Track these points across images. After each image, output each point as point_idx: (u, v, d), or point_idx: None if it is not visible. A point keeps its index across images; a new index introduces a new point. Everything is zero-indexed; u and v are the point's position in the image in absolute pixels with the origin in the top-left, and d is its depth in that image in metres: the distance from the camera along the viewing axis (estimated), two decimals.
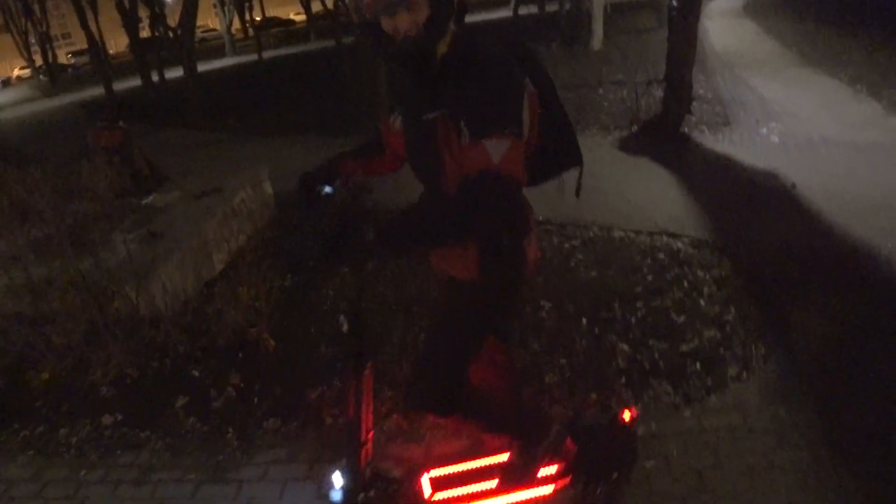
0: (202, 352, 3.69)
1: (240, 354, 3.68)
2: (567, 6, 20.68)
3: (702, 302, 3.87)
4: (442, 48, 1.70)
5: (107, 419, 3.32)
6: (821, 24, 16.14)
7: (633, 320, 3.73)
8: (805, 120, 7.95)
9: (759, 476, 2.56)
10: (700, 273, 4.24)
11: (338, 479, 1.84)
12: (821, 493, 2.46)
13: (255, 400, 3.33)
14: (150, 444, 3.16)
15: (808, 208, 5.22)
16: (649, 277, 4.23)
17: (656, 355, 3.38)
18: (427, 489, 1.94)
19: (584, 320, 3.75)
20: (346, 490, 1.82)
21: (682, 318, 3.70)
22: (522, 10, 28.65)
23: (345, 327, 1.84)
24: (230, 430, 3.14)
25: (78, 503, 2.87)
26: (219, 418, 3.24)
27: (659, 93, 8.76)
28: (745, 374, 3.18)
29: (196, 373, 3.56)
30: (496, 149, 1.58)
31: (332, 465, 1.97)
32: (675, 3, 8.02)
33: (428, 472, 2.00)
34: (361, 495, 1.83)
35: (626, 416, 2.07)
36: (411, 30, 1.62)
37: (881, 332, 3.43)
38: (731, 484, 2.53)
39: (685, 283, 4.11)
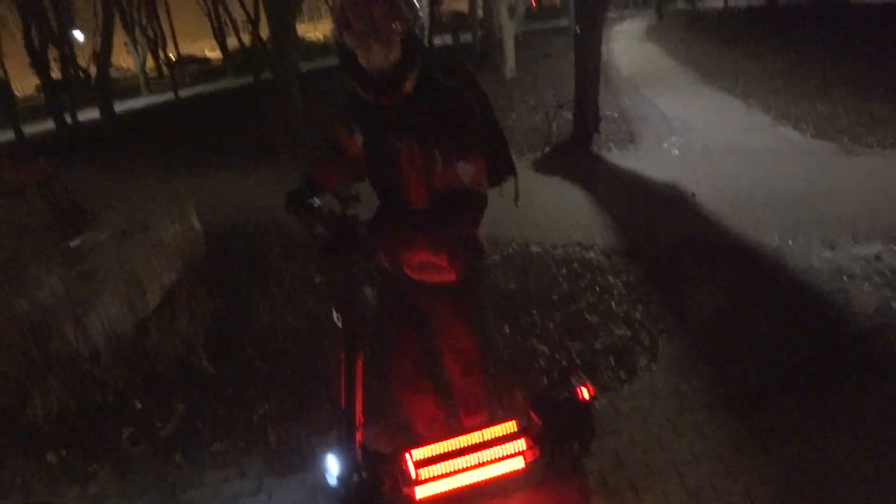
0: (143, 382, 3.77)
1: (181, 382, 3.78)
2: (479, 35, 21.39)
3: (613, 304, 4.23)
4: (409, 84, 1.95)
5: (51, 456, 3.34)
6: (716, 44, 17.31)
7: (551, 324, 4.04)
8: (702, 132, 8.63)
9: (667, 442, 2.93)
10: (611, 279, 4.62)
11: (332, 463, 2.00)
12: (716, 445, 2.89)
13: (200, 424, 3.44)
14: (99, 476, 3.20)
15: (704, 211, 5.77)
16: (565, 286, 4.58)
17: (573, 354, 3.70)
18: (411, 468, 2.13)
19: (507, 327, 4.04)
20: (343, 472, 1.97)
21: (595, 319, 4.05)
22: (437, 40, 29.31)
23: (339, 322, 2.01)
24: (178, 454, 3.24)
25: None
26: (166, 445, 3.33)
27: (569, 115, 9.28)
28: (652, 364, 3.55)
29: (139, 403, 3.63)
30: (466, 170, 1.89)
31: (324, 450, 2.13)
32: (578, 30, 8.58)
33: (410, 452, 2.18)
34: (355, 476, 1.99)
35: (585, 392, 2.30)
36: (383, 64, 1.85)
37: (765, 311, 3.95)
38: (643, 454, 2.88)
39: (597, 289, 4.47)
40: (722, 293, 4.19)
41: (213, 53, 48.06)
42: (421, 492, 2.13)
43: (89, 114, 15.29)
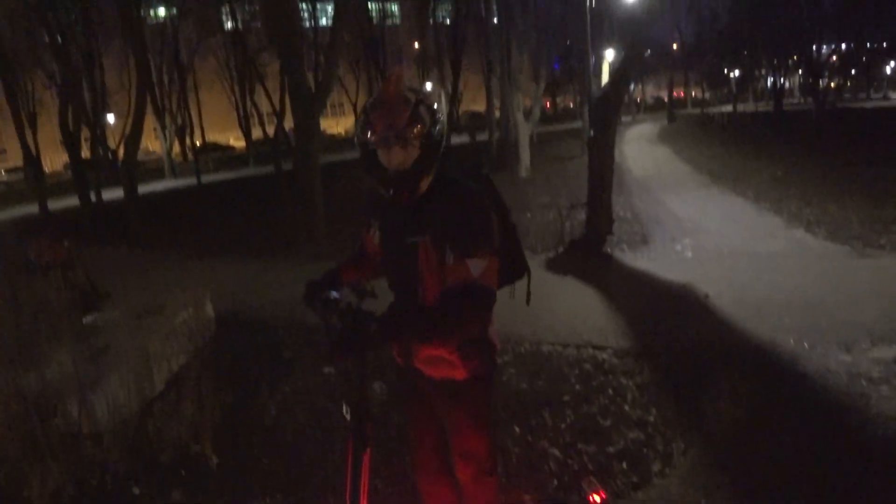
0: (144, 468, 3.69)
1: (182, 470, 3.69)
2: (496, 136, 22.04)
3: (626, 406, 4.15)
4: (425, 183, 2.06)
5: None
6: (726, 147, 17.77)
7: (563, 426, 3.95)
8: (715, 234, 8.71)
9: None
10: (623, 380, 4.55)
11: None
12: None
13: None
14: None
15: (719, 314, 5.72)
16: (577, 387, 4.51)
17: (585, 458, 3.60)
18: None
19: (517, 428, 3.95)
20: None
21: (608, 422, 3.95)
22: (455, 139, 30.22)
23: (348, 415, 2.00)
24: None
25: None
26: None
27: (582, 215, 9.41)
28: (666, 470, 3.43)
29: (137, 490, 3.54)
30: (476, 266, 1.93)
31: None
32: (592, 133, 8.83)
33: None
34: None
35: (596, 498, 2.23)
36: (402, 164, 1.98)
37: (785, 417, 3.83)
38: None
39: (610, 390, 4.40)
40: (738, 398, 4.09)
41: (238, 142, 49.67)
42: None
43: (114, 193, 15.68)
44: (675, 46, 42.86)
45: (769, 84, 50.14)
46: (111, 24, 21.20)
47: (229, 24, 31.47)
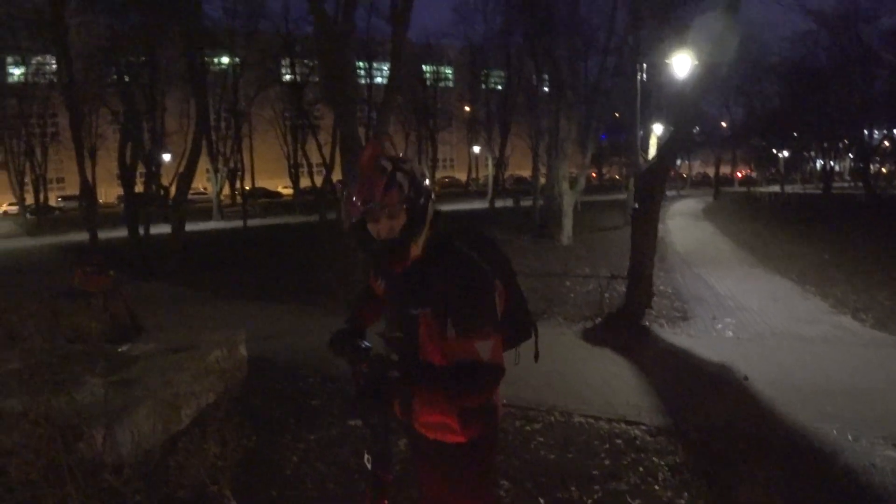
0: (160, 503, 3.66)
1: None
2: (540, 202, 22.14)
3: (656, 487, 3.98)
4: (415, 250, 2.04)
5: None
6: (771, 227, 17.49)
7: (590, 502, 3.81)
8: (757, 315, 8.48)
9: None
10: (655, 459, 4.38)
11: None
12: None
13: None
14: None
15: (758, 397, 5.51)
16: (606, 462, 4.36)
17: None
18: None
19: (542, 500, 3.82)
20: None
21: (636, 502, 3.80)
22: (498, 203, 30.48)
23: (369, 464, 1.96)
24: None
25: None
26: None
27: (622, 287, 9.29)
28: None
29: None
30: (484, 348, 1.90)
31: None
32: (637, 206, 8.80)
33: None
34: None
35: None
36: (390, 233, 1.97)
37: None
38: None
39: (641, 469, 4.23)
40: (775, 488, 3.89)
41: (286, 190, 50.84)
42: None
43: (162, 229, 16.13)
44: (723, 124, 42.92)
45: (818, 166, 49.65)
46: (175, 68, 22.17)
47: (288, 77, 32.73)
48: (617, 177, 50.72)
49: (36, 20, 17.68)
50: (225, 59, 32.78)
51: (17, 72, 30.58)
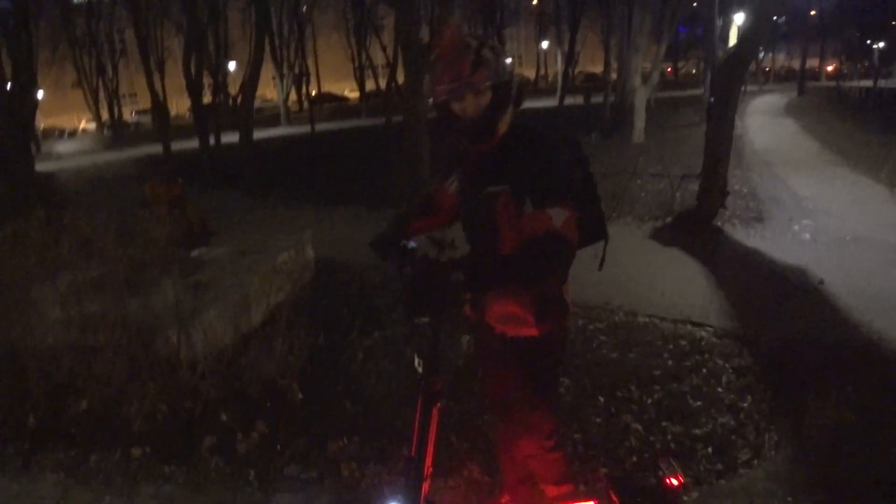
0: (233, 398, 3.86)
1: (268, 404, 3.84)
2: (612, 99, 21.31)
3: (719, 389, 3.94)
4: (502, 127, 2.01)
5: (136, 451, 3.47)
6: (861, 126, 16.37)
7: (649, 402, 3.80)
8: (838, 218, 8.06)
9: None
10: (720, 361, 4.32)
11: None
12: None
13: (279, 447, 3.46)
14: (175, 478, 3.30)
15: (833, 304, 5.29)
16: (669, 362, 4.32)
17: (669, 437, 3.45)
18: None
19: (602, 398, 3.84)
20: None
21: (697, 404, 3.76)
22: (567, 100, 29.51)
23: (420, 368, 1.98)
24: (251, 472, 3.27)
25: None
26: (242, 461, 3.38)
27: (694, 187, 8.96)
28: (755, 461, 3.22)
29: (224, 417, 3.71)
30: (558, 215, 1.86)
31: (387, 495, 2.09)
32: (713, 101, 8.34)
33: None
34: None
35: (674, 481, 2.14)
36: (476, 111, 1.94)
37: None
38: None
39: (704, 371, 4.18)
40: (845, 398, 3.75)
41: (352, 93, 50.57)
42: None
43: (232, 137, 16.45)
44: (812, 12, 39.61)
45: None
46: None
47: None
48: (694, 71, 48.02)
49: None
50: None
51: None
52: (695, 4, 26.58)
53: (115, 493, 3.23)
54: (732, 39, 19.69)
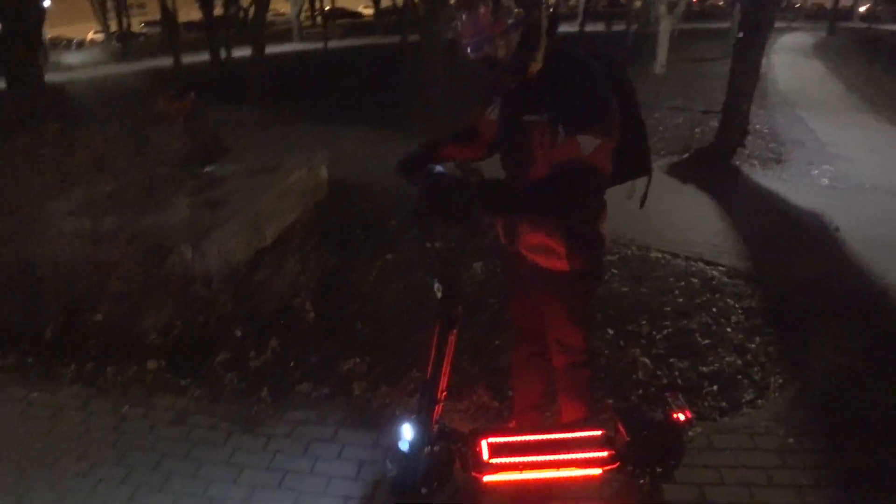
0: (246, 314, 3.91)
1: (281, 321, 3.89)
2: (634, 27, 20.66)
3: (728, 328, 3.95)
4: (535, 66, 1.97)
5: (151, 364, 3.56)
6: (889, 72, 15.87)
7: (658, 337, 3.83)
8: (859, 164, 7.91)
9: (758, 492, 2.68)
10: (730, 301, 4.32)
11: (407, 430, 1.99)
12: None
13: (291, 364, 3.53)
14: (189, 391, 3.39)
15: (847, 251, 5.25)
16: (680, 299, 4.32)
17: (676, 373, 3.49)
18: (486, 452, 2.09)
19: (610, 331, 3.87)
20: (415, 441, 1.97)
21: (706, 342, 3.79)
22: (588, 27, 28.62)
23: (439, 293, 1.97)
24: (264, 388, 3.35)
25: (118, 435, 3.11)
26: (255, 376, 3.45)
27: (715, 123, 8.78)
28: (759, 401, 3.27)
29: (238, 333, 3.77)
30: (587, 143, 1.82)
31: (400, 417, 2.13)
32: (740, 35, 8.05)
33: (488, 436, 2.14)
34: (427, 448, 1.99)
35: (680, 416, 2.17)
36: (508, 53, 1.91)
37: None
38: (729, 498, 2.65)
39: (714, 309, 4.19)
40: (854, 347, 3.76)
41: (367, 10, 49.14)
42: (490, 477, 2.08)
43: (243, 52, 16.06)
44: None
45: None
46: None
47: None
48: (721, 2, 46.36)
49: None
50: None
51: None
52: None
53: (133, 404, 3.32)
54: None
